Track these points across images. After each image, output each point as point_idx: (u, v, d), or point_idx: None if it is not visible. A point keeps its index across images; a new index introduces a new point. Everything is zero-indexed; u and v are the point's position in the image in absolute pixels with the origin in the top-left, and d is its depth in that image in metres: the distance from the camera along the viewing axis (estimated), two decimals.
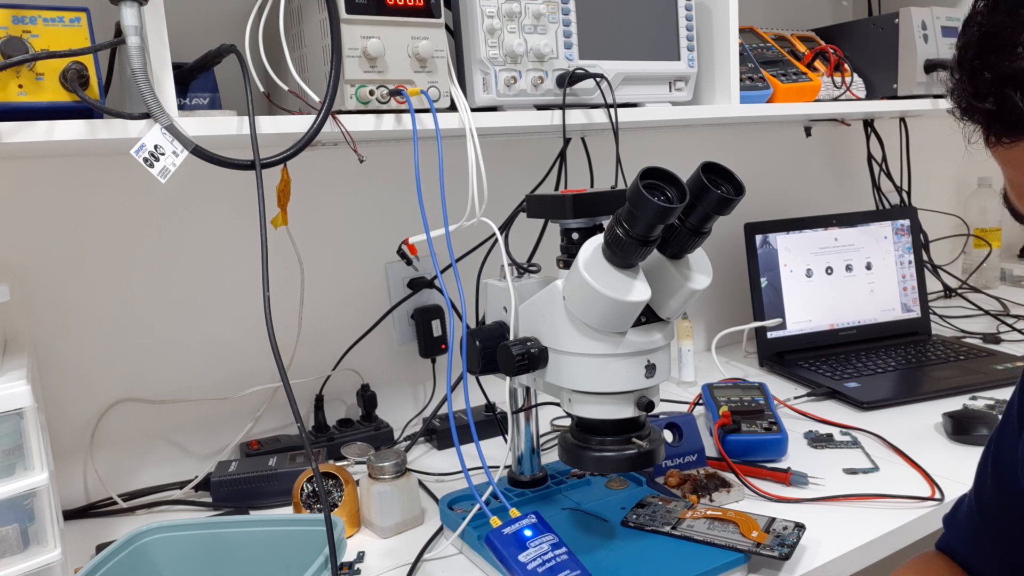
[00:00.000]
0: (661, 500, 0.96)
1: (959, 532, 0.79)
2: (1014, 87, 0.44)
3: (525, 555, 0.72)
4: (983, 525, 0.76)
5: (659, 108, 1.23)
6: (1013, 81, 0.44)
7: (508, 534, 0.74)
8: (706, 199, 0.72)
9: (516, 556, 0.72)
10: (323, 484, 0.97)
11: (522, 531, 0.75)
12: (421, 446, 1.27)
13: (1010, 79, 0.44)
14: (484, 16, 1.02)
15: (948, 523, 0.82)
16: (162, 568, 0.79)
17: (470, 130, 0.97)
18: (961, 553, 0.78)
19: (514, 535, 0.74)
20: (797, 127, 1.84)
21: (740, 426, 1.12)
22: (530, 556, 0.72)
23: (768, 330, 1.57)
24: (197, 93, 0.98)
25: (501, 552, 0.73)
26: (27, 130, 0.77)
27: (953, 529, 0.80)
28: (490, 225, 0.91)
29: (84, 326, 1.10)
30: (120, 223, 1.11)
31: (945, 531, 0.82)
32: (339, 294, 1.29)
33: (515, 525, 0.76)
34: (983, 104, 0.46)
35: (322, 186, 1.26)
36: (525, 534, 0.74)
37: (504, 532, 0.74)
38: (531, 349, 0.81)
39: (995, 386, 1.33)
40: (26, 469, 0.75)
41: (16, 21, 0.77)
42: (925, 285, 1.69)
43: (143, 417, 1.15)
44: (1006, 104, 0.45)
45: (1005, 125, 0.46)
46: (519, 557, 0.72)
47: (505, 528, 0.75)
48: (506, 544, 0.73)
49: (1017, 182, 0.49)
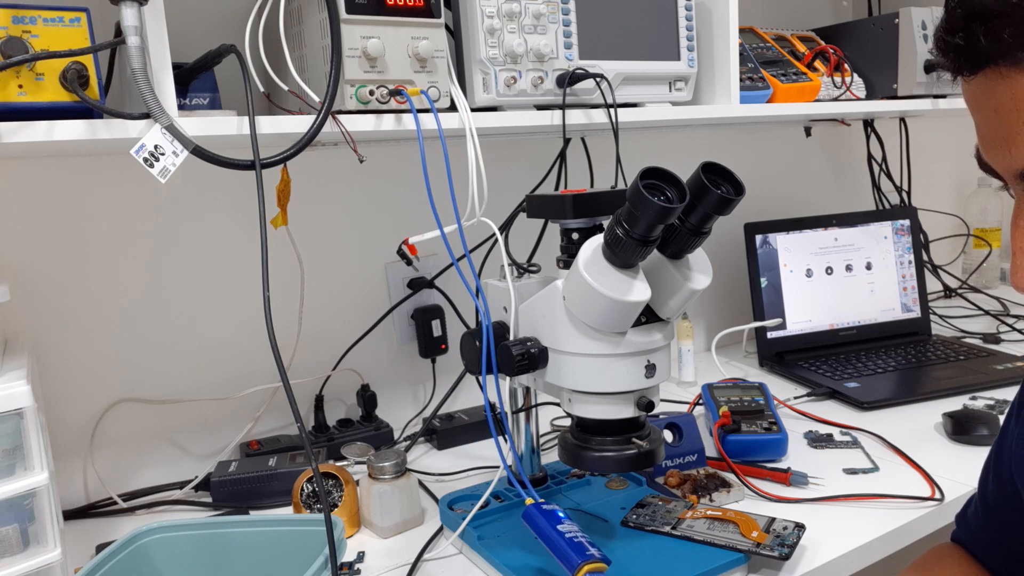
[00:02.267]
0: (661, 500, 0.96)
1: (968, 527, 0.81)
2: (980, 21, 0.47)
3: (562, 527, 0.76)
4: (988, 522, 0.77)
5: (659, 108, 1.23)
6: (980, 17, 0.47)
7: (548, 510, 0.78)
8: (706, 199, 0.72)
9: (555, 526, 0.76)
10: (323, 484, 0.97)
11: (556, 511, 0.78)
12: (421, 446, 1.27)
13: (978, 15, 0.47)
14: (484, 16, 1.02)
15: (959, 519, 0.83)
16: (162, 568, 0.79)
17: (470, 130, 0.97)
18: (972, 546, 0.80)
19: (552, 512, 0.78)
20: (797, 127, 1.84)
21: (740, 426, 1.12)
22: (566, 528, 0.76)
23: (768, 330, 1.57)
24: (197, 93, 0.98)
25: (541, 521, 0.77)
26: (27, 130, 0.77)
27: (963, 524, 0.82)
28: (490, 225, 0.91)
29: (84, 326, 1.10)
30: (120, 223, 1.11)
31: (957, 526, 0.83)
32: (339, 294, 1.29)
33: (549, 506, 0.79)
34: (953, 39, 0.49)
35: (322, 186, 1.26)
36: (559, 514, 0.78)
37: (544, 507, 0.78)
38: (531, 349, 0.81)
39: (995, 386, 1.33)
40: (26, 469, 0.75)
41: (16, 21, 0.77)
42: (925, 285, 1.69)
43: (143, 417, 1.15)
44: (971, 38, 0.48)
45: (967, 59, 0.49)
46: (558, 527, 0.76)
47: (544, 505, 0.79)
48: (547, 516, 0.77)
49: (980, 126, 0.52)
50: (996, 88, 0.48)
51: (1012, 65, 0.47)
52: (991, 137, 0.51)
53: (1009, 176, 0.51)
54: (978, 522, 0.79)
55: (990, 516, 0.77)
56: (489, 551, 0.86)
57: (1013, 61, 0.47)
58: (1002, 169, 0.52)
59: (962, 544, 0.81)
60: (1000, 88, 0.48)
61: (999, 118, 0.49)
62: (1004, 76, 0.48)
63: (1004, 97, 0.48)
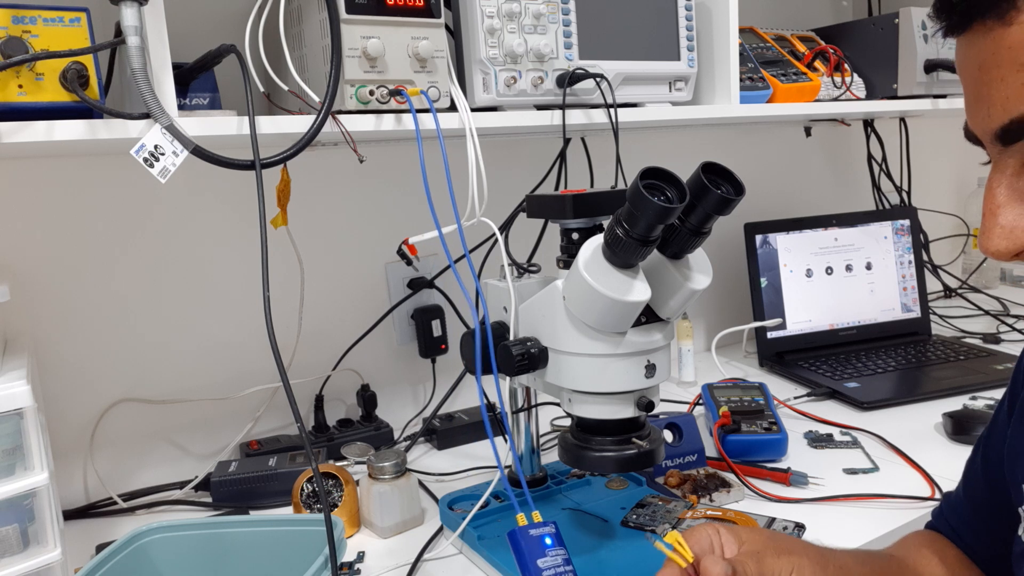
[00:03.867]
0: (661, 500, 0.96)
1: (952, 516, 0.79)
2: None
3: (543, 561, 0.74)
4: (976, 522, 0.76)
5: (659, 108, 1.23)
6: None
7: (533, 536, 0.75)
8: (706, 199, 0.72)
9: (536, 559, 0.73)
10: (323, 484, 0.97)
11: (544, 537, 0.76)
12: (421, 446, 1.27)
13: None
14: (484, 16, 1.02)
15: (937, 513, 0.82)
16: (162, 568, 0.79)
17: (470, 130, 0.97)
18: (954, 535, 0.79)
19: (538, 539, 0.75)
20: (797, 127, 1.84)
21: (740, 426, 1.12)
22: (546, 563, 0.74)
23: (768, 330, 1.57)
24: (197, 93, 0.98)
25: (523, 551, 0.74)
26: (27, 130, 0.77)
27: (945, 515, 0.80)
28: (490, 225, 0.91)
29: (84, 326, 1.10)
30: (120, 223, 1.11)
31: (933, 518, 0.82)
32: (339, 294, 1.29)
33: (539, 529, 0.76)
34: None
35: (322, 186, 1.26)
36: (546, 541, 0.75)
37: (531, 533, 0.76)
38: (531, 349, 0.81)
39: (995, 386, 1.33)
40: (26, 469, 0.75)
41: (16, 21, 0.77)
42: (925, 285, 1.69)
43: (143, 417, 1.15)
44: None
45: (958, 14, 0.50)
46: (538, 561, 0.73)
47: (531, 529, 0.76)
48: (530, 545, 0.75)
49: (966, 89, 0.53)
50: (981, 43, 0.49)
51: (997, 19, 0.48)
52: (973, 97, 0.52)
53: (987, 137, 0.52)
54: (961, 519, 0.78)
55: (979, 518, 0.76)
56: (489, 551, 0.86)
57: (998, 14, 0.48)
58: (981, 132, 0.52)
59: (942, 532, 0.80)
60: (985, 43, 0.49)
61: (981, 75, 0.50)
62: (989, 30, 0.48)
63: (987, 52, 0.49)
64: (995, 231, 0.52)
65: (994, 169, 0.52)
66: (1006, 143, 0.50)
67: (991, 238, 0.52)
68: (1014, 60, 0.47)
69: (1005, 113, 0.49)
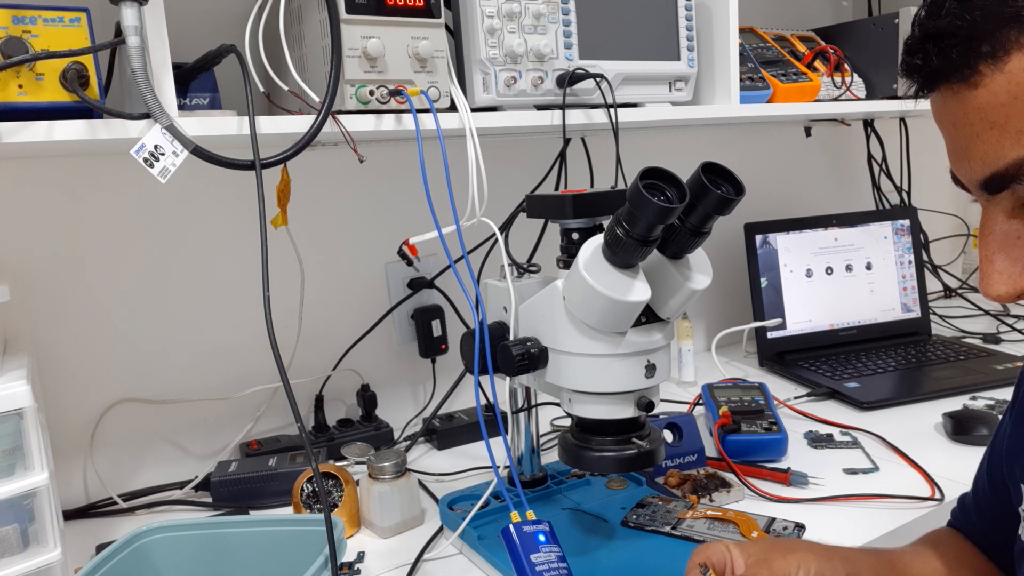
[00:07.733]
0: (661, 500, 0.96)
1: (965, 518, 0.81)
2: (933, 42, 0.50)
3: (536, 556, 0.74)
4: (983, 522, 0.77)
5: (659, 108, 1.23)
6: (933, 37, 0.50)
7: (527, 532, 0.76)
8: (706, 199, 0.72)
9: (529, 555, 0.74)
10: (323, 484, 0.97)
11: (538, 534, 0.76)
12: (421, 446, 1.27)
13: (931, 36, 0.50)
14: (484, 16, 1.02)
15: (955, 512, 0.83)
16: (162, 568, 0.79)
17: (470, 130, 0.97)
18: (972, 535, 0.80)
19: (531, 536, 0.76)
20: (797, 127, 1.84)
21: (740, 426, 1.12)
22: (540, 559, 0.74)
23: (768, 330, 1.57)
24: (197, 93, 0.98)
25: (516, 547, 0.75)
26: (27, 130, 0.77)
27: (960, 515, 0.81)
28: (490, 225, 0.91)
29: (84, 326, 1.10)
30: (120, 223, 1.11)
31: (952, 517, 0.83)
32: (339, 294, 1.29)
33: (533, 527, 0.77)
34: (912, 59, 0.52)
35: (322, 186, 1.26)
36: (540, 538, 0.76)
37: (524, 529, 0.76)
38: (531, 349, 0.81)
39: (995, 386, 1.33)
40: (26, 469, 0.75)
41: (16, 21, 0.77)
42: (925, 285, 1.69)
43: (143, 417, 1.15)
44: (926, 58, 0.50)
45: (924, 77, 0.52)
46: (531, 557, 0.74)
47: (525, 527, 0.77)
48: (524, 541, 0.75)
49: (945, 140, 0.54)
50: (951, 104, 0.51)
51: (961, 82, 0.49)
52: (953, 150, 0.53)
53: (972, 186, 0.53)
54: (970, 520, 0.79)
55: (983, 516, 0.77)
56: (489, 551, 0.86)
57: (961, 78, 0.49)
58: (966, 180, 0.53)
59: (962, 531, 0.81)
60: (954, 104, 0.50)
61: (957, 131, 0.51)
62: (956, 92, 0.50)
63: (958, 112, 0.50)
64: (994, 277, 0.53)
65: (984, 215, 0.54)
66: (991, 192, 0.51)
67: (991, 284, 0.53)
68: (985, 119, 0.49)
69: (986, 167, 0.50)
